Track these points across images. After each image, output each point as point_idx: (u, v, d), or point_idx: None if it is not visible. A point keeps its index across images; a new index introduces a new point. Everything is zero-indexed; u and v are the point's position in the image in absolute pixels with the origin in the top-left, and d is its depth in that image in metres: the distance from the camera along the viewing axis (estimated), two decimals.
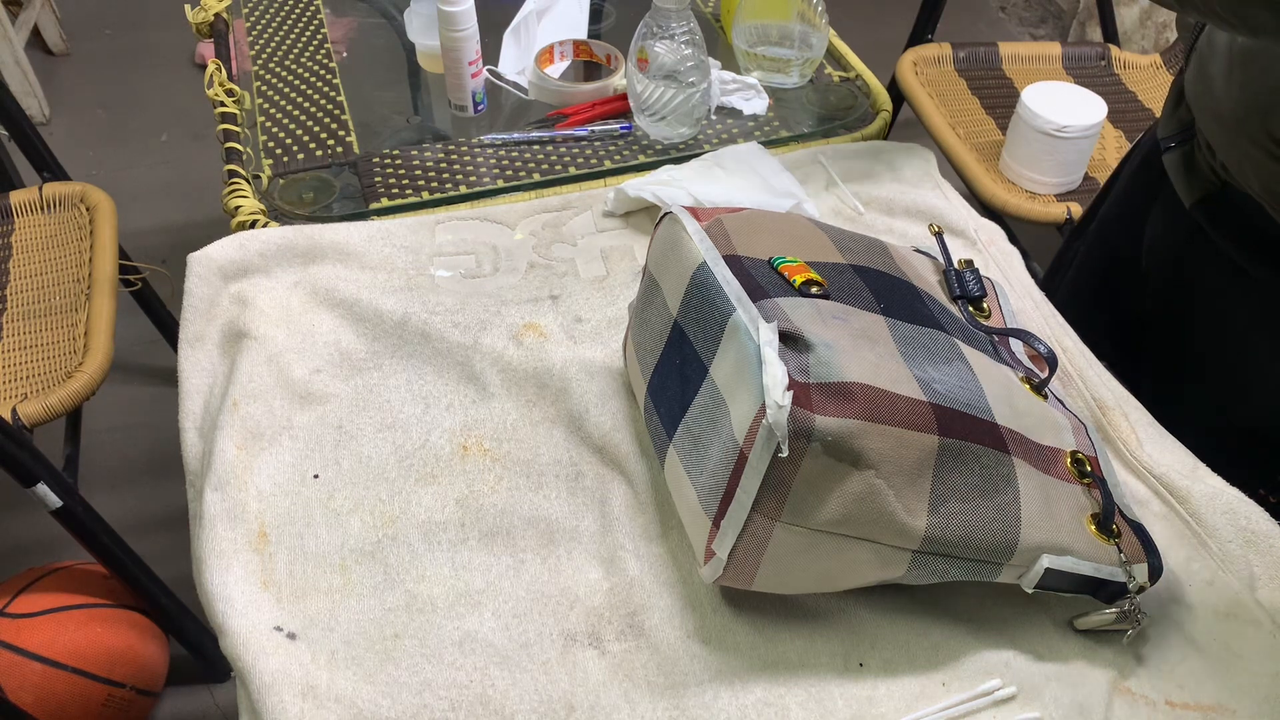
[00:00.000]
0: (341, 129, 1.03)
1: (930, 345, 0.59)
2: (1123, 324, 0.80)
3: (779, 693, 0.57)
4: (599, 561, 0.64)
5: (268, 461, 0.69)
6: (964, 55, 1.65)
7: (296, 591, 0.62)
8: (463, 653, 0.58)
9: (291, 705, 0.55)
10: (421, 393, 0.74)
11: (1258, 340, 0.69)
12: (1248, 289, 0.68)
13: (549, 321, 0.78)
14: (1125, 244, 0.79)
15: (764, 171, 0.91)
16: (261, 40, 1.16)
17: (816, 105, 1.08)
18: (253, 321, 0.76)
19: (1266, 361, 0.68)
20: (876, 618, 0.60)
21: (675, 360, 0.61)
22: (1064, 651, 0.59)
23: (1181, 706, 0.57)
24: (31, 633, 1.13)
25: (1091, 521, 0.58)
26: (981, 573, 0.56)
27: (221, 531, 0.63)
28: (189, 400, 0.73)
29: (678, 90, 0.96)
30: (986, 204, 1.39)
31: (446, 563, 0.63)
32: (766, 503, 0.52)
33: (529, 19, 1.13)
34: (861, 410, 0.51)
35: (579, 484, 0.68)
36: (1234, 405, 0.72)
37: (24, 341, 1.18)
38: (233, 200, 0.92)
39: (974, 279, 0.70)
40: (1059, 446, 0.60)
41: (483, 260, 0.85)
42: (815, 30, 1.06)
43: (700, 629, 0.60)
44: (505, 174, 0.97)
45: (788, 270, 0.59)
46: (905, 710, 0.56)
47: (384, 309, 0.78)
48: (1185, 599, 0.62)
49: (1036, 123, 1.32)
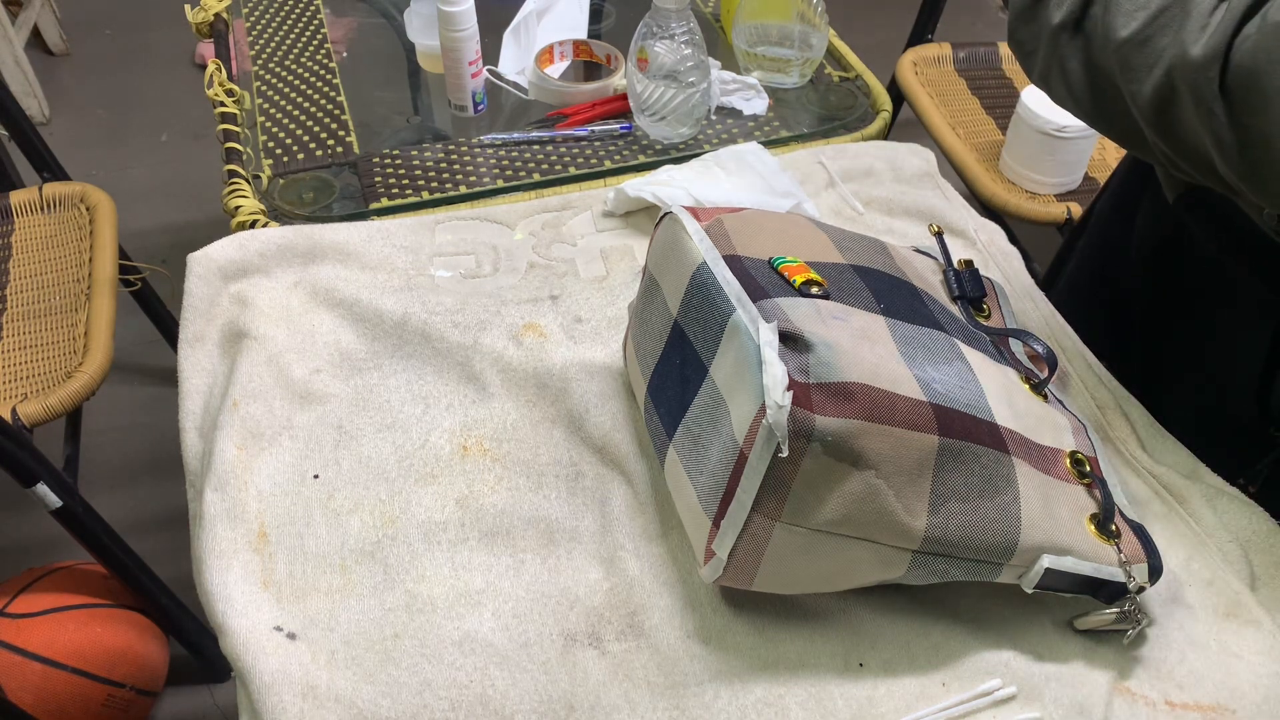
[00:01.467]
0: (341, 129, 1.03)
1: (930, 345, 0.59)
2: (1116, 317, 0.80)
3: (779, 693, 0.57)
4: (599, 561, 0.64)
5: (268, 461, 0.69)
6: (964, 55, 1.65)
7: (296, 591, 0.62)
8: (463, 653, 0.58)
9: (291, 705, 0.55)
10: (421, 393, 0.74)
11: (1235, 333, 0.69)
12: (1227, 283, 0.69)
13: (549, 321, 0.78)
14: (1119, 237, 0.80)
15: (764, 171, 0.91)
16: (261, 40, 1.16)
17: (816, 105, 1.08)
18: (253, 321, 0.76)
19: (1243, 354, 0.68)
20: (876, 618, 0.60)
21: (675, 360, 0.61)
22: (1064, 651, 0.59)
23: (1181, 706, 0.57)
24: (31, 633, 1.13)
25: (1091, 522, 0.58)
26: (981, 573, 0.56)
27: (221, 531, 0.63)
28: (189, 400, 0.73)
29: (678, 90, 0.96)
30: (986, 204, 1.39)
31: (446, 563, 0.63)
32: (766, 503, 0.52)
33: (529, 19, 1.13)
34: (861, 410, 0.51)
35: (579, 484, 0.68)
36: (1214, 396, 0.72)
37: (24, 341, 1.18)
38: (233, 200, 0.92)
39: (974, 279, 0.71)
40: (1059, 447, 0.60)
41: (483, 260, 0.85)
42: (815, 30, 1.06)
43: (700, 629, 0.60)
44: (505, 174, 0.97)
45: (788, 270, 0.59)
46: (905, 710, 0.56)
47: (384, 309, 0.78)
48: (1185, 599, 0.62)
49: (1036, 123, 1.32)
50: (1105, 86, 0.57)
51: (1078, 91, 0.59)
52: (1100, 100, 0.59)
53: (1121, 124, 0.58)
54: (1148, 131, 0.56)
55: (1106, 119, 0.60)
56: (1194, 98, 0.51)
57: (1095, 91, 0.58)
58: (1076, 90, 0.59)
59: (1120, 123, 0.59)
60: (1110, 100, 0.57)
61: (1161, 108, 0.53)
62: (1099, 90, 0.58)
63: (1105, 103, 0.58)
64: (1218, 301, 0.70)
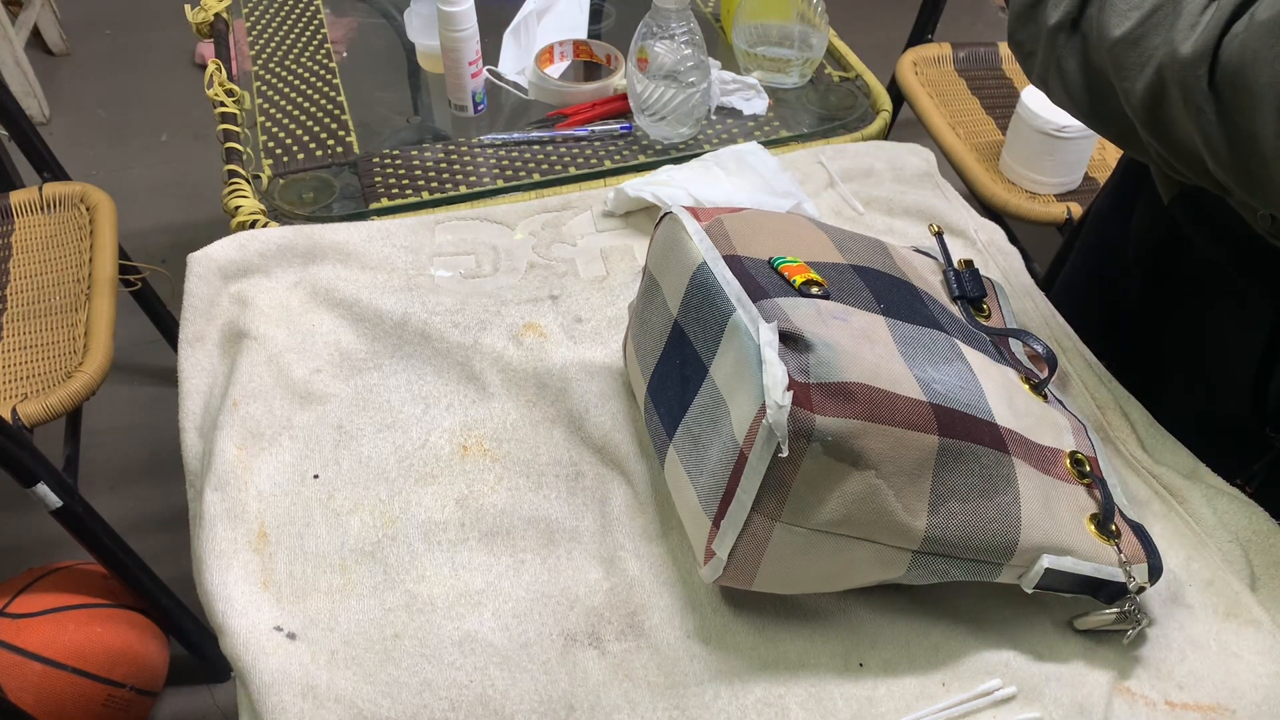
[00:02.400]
0: (341, 129, 1.03)
1: (930, 345, 0.59)
2: (1113, 317, 0.80)
3: (779, 693, 0.57)
4: (599, 561, 0.64)
5: (268, 461, 0.69)
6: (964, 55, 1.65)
7: (296, 591, 0.62)
8: (463, 653, 0.58)
9: (291, 705, 0.55)
10: (421, 393, 0.74)
11: (1231, 334, 0.69)
12: (1223, 284, 0.69)
13: (549, 321, 0.78)
14: (1116, 237, 0.80)
15: (764, 171, 0.91)
16: (261, 40, 1.16)
17: (816, 105, 1.08)
18: (253, 321, 0.76)
19: (1239, 355, 0.68)
20: (876, 618, 0.60)
21: (675, 360, 0.61)
22: (1064, 651, 0.59)
23: (1181, 706, 0.57)
24: (31, 633, 1.13)
25: (1091, 522, 0.58)
26: (981, 573, 0.56)
27: (221, 531, 0.63)
28: (189, 400, 0.73)
29: (678, 90, 0.96)
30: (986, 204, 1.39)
31: (446, 563, 0.63)
32: (766, 503, 0.52)
33: (529, 19, 1.13)
34: (861, 410, 0.51)
35: (579, 484, 0.68)
36: (1210, 397, 0.72)
37: (24, 341, 1.18)
38: (233, 200, 0.92)
39: (974, 279, 0.71)
40: (1059, 447, 0.60)
41: (483, 260, 0.85)
42: (815, 30, 1.06)
43: (700, 629, 0.60)
44: (505, 174, 0.97)
45: (788, 270, 0.59)
46: (905, 710, 0.56)
47: (384, 309, 0.78)
48: (1185, 599, 0.62)
49: (1036, 123, 1.32)
50: (1101, 86, 0.57)
51: (1075, 92, 0.59)
52: (1097, 100, 0.59)
53: (1117, 124, 0.59)
54: (1141, 131, 0.56)
55: (1103, 119, 0.60)
56: (1184, 96, 0.51)
57: (1092, 92, 0.58)
58: (1074, 91, 0.59)
59: (1116, 123, 0.59)
60: (1106, 100, 0.58)
61: (1153, 106, 0.54)
62: (1095, 90, 0.58)
63: (1101, 103, 0.58)
64: (1213, 302, 0.70)
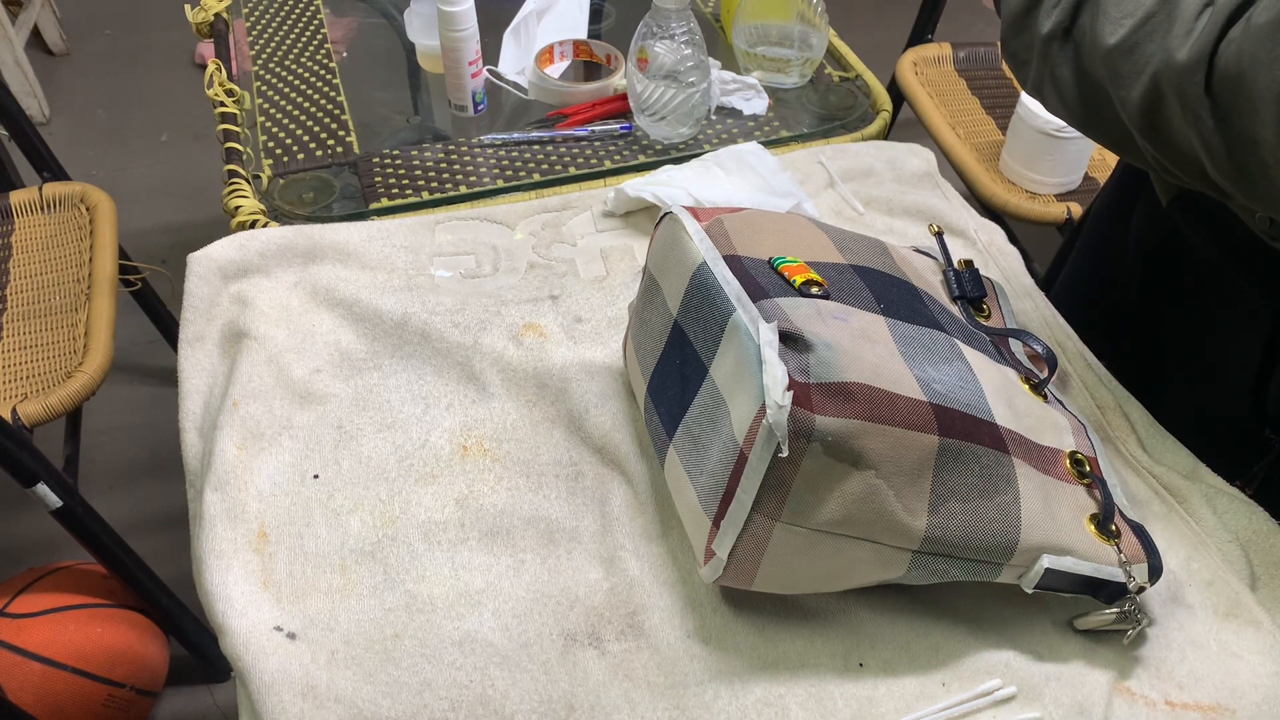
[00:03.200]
0: (341, 129, 1.03)
1: (930, 345, 0.59)
2: (1112, 318, 0.80)
3: (779, 693, 0.57)
4: (599, 561, 0.64)
5: (268, 461, 0.69)
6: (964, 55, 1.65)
7: (296, 591, 0.62)
8: (463, 653, 0.58)
9: (291, 705, 0.55)
10: (421, 393, 0.74)
11: (1230, 336, 0.69)
12: (1222, 286, 0.69)
13: (549, 321, 0.78)
14: (1115, 238, 0.80)
15: (764, 171, 0.91)
16: (261, 40, 1.16)
17: (816, 105, 1.08)
18: (253, 321, 0.76)
19: (1238, 356, 0.68)
20: (876, 618, 0.60)
21: (675, 360, 0.61)
22: (1064, 651, 0.59)
23: (1181, 706, 0.57)
24: (31, 633, 1.13)
25: (1091, 522, 0.58)
26: (982, 573, 0.56)
27: (221, 531, 0.63)
28: (189, 400, 0.73)
29: (678, 90, 0.96)
30: (986, 204, 1.39)
31: (446, 563, 0.63)
32: (766, 503, 0.52)
33: (529, 19, 1.13)
34: (861, 410, 0.51)
35: (579, 484, 0.68)
36: (1210, 397, 0.72)
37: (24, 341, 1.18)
38: (233, 200, 0.92)
39: (974, 279, 0.71)
40: (1059, 447, 0.60)
41: (482, 260, 0.85)
42: (815, 30, 1.06)
43: (700, 629, 0.60)
44: (505, 174, 0.97)
45: (788, 270, 0.59)
46: (905, 710, 0.56)
47: (384, 309, 0.78)
48: (1185, 599, 0.62)
49: (1036, 123, 1.32)
50: (1095, 94, 0.57)
51: (1069, 99, 0.59)
52: (1091, 108, 0.59)
53: (1113, 131, 0.59)
54: (1138, 137, 0.56)
55: (1098, 126, 0.60)
56: (1181, 102, 0.51)
57: (1086, 99, 0.58)
58: (1068, 98, 0.59)
59: (1112, 129, 0.59)
60: (1101, 107, 0.58)
61: (1150, 113, 0.54)
62: (1090, 98, 0.58)
63: (1096, 110, 0.58)
64: (1212, 304, 0.70)
